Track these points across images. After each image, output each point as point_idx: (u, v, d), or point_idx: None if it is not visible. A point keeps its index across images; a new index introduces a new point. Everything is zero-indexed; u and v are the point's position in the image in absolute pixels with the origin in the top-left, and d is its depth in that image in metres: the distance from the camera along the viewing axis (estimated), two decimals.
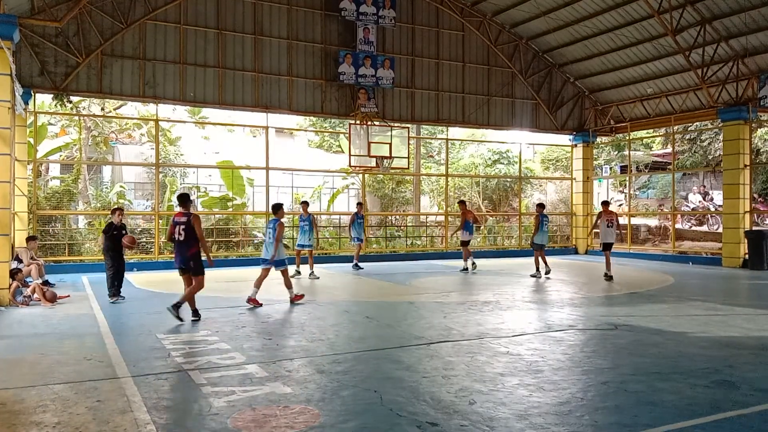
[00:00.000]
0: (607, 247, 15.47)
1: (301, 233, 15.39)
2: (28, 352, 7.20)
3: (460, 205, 17.87)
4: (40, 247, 15.58)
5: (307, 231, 15.20)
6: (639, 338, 8.03)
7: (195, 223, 8.99)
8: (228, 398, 5.29)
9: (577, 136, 24.08)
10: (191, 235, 8.99)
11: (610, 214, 15.65)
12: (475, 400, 5.27)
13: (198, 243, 9.06)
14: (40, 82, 15.91)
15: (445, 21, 21.34)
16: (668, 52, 19.37)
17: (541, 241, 15.71)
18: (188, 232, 8.97)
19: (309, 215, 15.31)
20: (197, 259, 9.12)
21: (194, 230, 8.98)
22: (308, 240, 15.24)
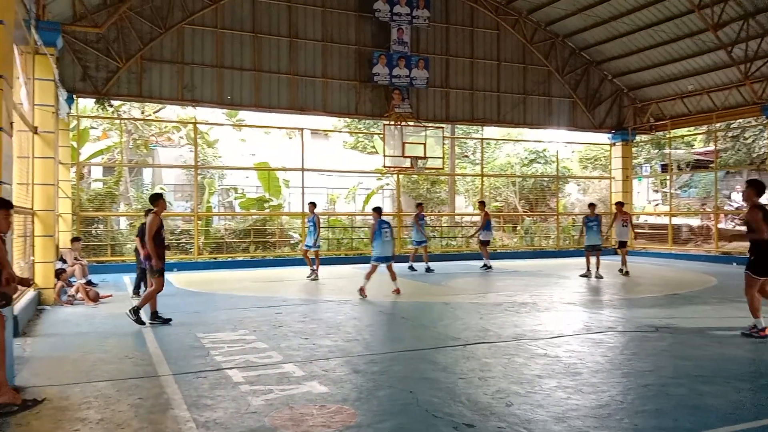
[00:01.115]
0: (623, 245, 16.30)
1: (308, 234, 15.25)
2: (72, 350, 7.39)
3: (481, 206, 17.82)
4: (83, 248, 15.97)
5: (312, 232, 15.02)
6: (681, 340, 7.85)
7: (148, 223, 8.80)
8: (266, 397, 5.34)
9: (616, 135, 23.67)
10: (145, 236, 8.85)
11: (625, 214, 16.39)
12: (512, 402, 5.21)
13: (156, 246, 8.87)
14: (83, 87, 16.33)
15: (480, 20, 21.21)
16: (709, 47, 18.90)
17: (587, 242, 15.43)
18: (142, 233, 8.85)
19: (314, 216, 15.08)
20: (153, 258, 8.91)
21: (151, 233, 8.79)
22: (310, 241, 15.06)
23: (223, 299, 11.92)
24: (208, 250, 20.58)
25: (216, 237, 21.48)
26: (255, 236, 21.07)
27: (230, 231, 21.70)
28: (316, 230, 14.99)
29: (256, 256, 20.00)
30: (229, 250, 20.39)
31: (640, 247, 24.45)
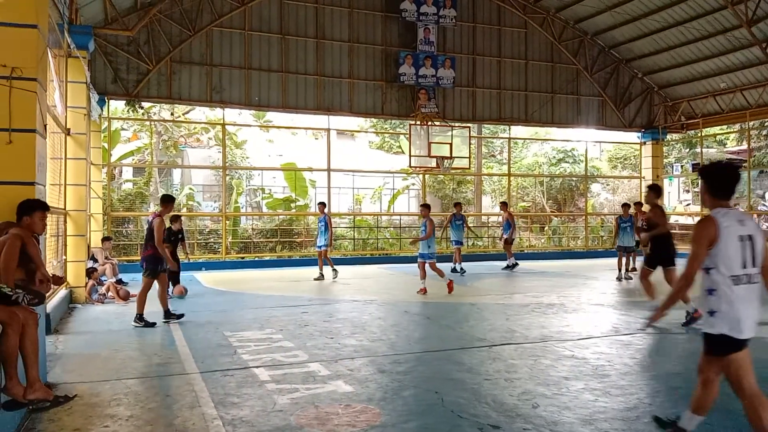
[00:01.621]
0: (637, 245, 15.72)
1: (319, 234, 15.10)
2: (102, 347, 7.52)
3: (503, 206, 17.66)
4: (113, 247, 16.24)
5: (324, 232, 14.89)
6: None
7: (155, 226, 8.83)
8: (291, 396, 5.38)
9: (646, 134, 23.30)
10: (150, 237, 8.88)
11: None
12: (538, 404, 5.17)
13: (154, 247, 8.87)
14: (114, 89, 16.62)
15: (507, 18, 21.06)
16: (743, 44, 18.49)
17: (619, 243, 15.12)
18: (149, 234, 8.89)
19: (325, 215, 14.97)
20: (149, 261, 8.92)
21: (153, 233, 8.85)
22: (322, 241, 14.93)
23: (249, 298, 12.03)
24: (236, 249, 20.79)
25: (243, 237, 21.68)
26: (281, 236, 21.22)
27: (257, 231, 21.89)
28: (327, 230, 14.89)
29: (282, 255, 20.14)
30: (256, 250, 20.56)
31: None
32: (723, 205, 3.85)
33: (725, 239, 3.70)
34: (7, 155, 5.22)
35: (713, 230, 3.73)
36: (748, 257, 3.73)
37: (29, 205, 5.02)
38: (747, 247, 3.73)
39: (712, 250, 3.73)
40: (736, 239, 3.72)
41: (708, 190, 3.91)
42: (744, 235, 3.74)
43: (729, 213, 3.79)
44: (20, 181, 5.29)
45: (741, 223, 3.78)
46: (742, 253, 3.72)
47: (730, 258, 3.71)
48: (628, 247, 15.00)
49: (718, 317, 3.76)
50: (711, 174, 3.92)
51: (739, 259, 3.72)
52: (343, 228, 23.29)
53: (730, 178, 3.87)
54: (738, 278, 3.72)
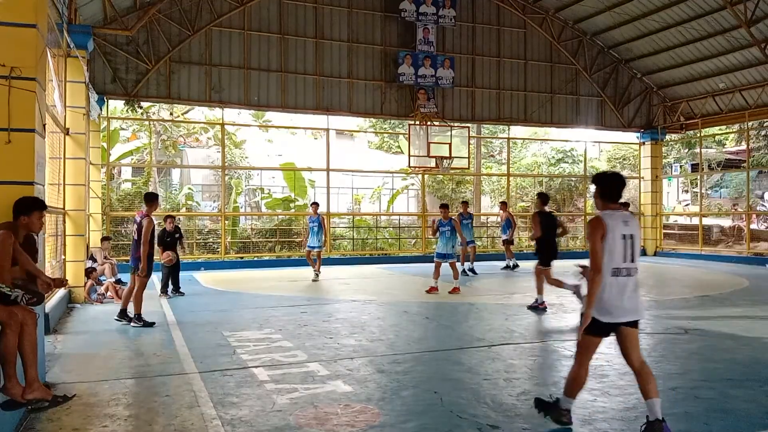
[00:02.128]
0: None
1: (311, 234, 14.93)
2: (101, 347, 7.52)
3: (503, 206, 17.63)
4: (113, 247, 16.24)
5: (316, 232, 14.80)
6: (711, 343, 7.71)
7: (144, 226, 8.76)
8: (290, 395, 5.38)
9: (645, 134, 23.32)
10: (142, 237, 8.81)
11: None
12: None
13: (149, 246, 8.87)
14: (113, 89, 16.61)
15: (507, 18, 21.07)
16: (742, 44, 18.51)
17: None
18: (139, 234, 8.81)
19: (318, 216, 14.89)
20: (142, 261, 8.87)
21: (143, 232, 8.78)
22: (316, 241, 14.85)
23: (248, 298, 12.03)
24: (235, 249, 20.79)
25: (242, 236, 21.68)
26: (281, 236, 21.22)
27: (256, 231, 21.89)
28: (321, 230, 14.84)
29: (281, 255, 20.13)
30: (255, 250, 20.56)
31: (669, 248, 24.07)
32: (611, 207, 4.45)
33: (611, 236, 4.27)
34: (6, 155, 5.22)
35: (603, 228, 4.29)
36: (629, 253, 4.32)
37: (27, 204, 4.99)
38: (628, 244, 4.32)
39: (605, 246, 4.27)
40: (619, 237, 4.29)
41: (599, 194, 4.50)
42: (626, 234, 4.32)
43: (615, 214, 4.38)
44: (19, 180, 5.28)
45: (625, 224, 4.36)
46: (624, 249, 4.30)
47: (613, 253, 4.27)
48: None
49: (596, 303, 4.32)
50: (602, 181, 4.52)
51: (621, 254, 4.28)
52: (342, 228, 23.30)
53: (618, 184, 4.48)
54: (618, 270, 4.30)
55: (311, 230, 14.98)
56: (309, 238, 15.03)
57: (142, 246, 8.74)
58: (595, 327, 4.39)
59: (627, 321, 4.38)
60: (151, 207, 9.06)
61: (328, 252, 19.27)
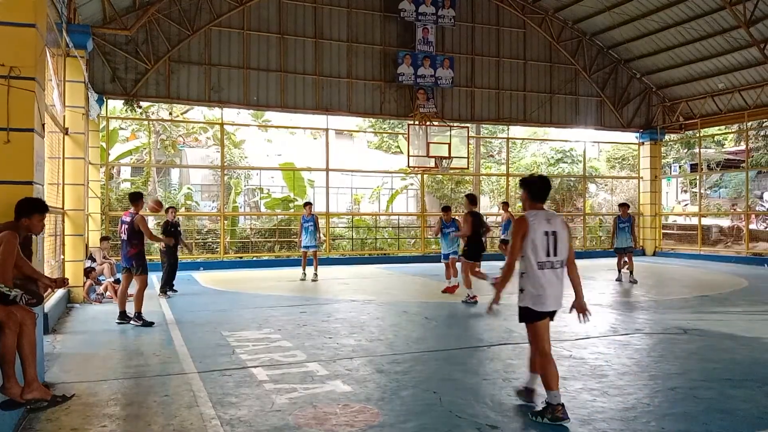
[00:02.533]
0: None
1: (306, 234, 14.91)
2: (100, 347, 7.51)
3: (504, 206, 17.61)
4: (112, 247, 16.22)
5: (312, 232, 14.82)
6: (710, 343, 7.71)
7: (139, 224, 8.89)
8: (290, 395, 5.38)
9: (645, 134, 23.33)
10: (133, 235, 8.89)
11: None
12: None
13: (140, 243, 8.97)
14: (112, 89, 16.60)
15: (506, 19, 21.07)
16: (741, 45, 18.52)
17: (617, 244, 14.65)
18: (130, 233, 8.90)
19: (313, 216, 14.91)
20: (138, 258, 8.96)
21: (136, 231, 8.89)
22: (313, 241, 14.89)
23: (248, 298, 12.02)
24: (234, 249, 20.78)
25: (242, 236, 21.67)
26: (280, 236, 21.22)
27: (256, 230, 21.88)
28: (316, 230, 14.86)
29: (280, 255, 20.13)
30: (255, 250, 20.56)
31: (668, 248, 24.08)
32: (536, 207, 4.92)
33: (533, 233, 4.73)
34: (5, 154, 5.21)
35: (525, 226, 4.75)
36: (551, 248, 4.75)
37: (29, 207, 4.99)
38: (551, 240, 4.75)
39: (525, 241, 4.74)
40: (542, 234, 4.74)
41: (527, 196, 4.97)
42: (549, 231, 4.76)
43: (539, 214, 4.85)
44: (18, 180, 5.28)
45: (548, 222, 4.81)
46: (546, 245, 4.74)
47: (537, 248, 4.73)
48: (626, 248, 14.46)
49: (525, 294, 4.84)
50: (530, 184, 4.96)
51: (544, 249, 4.74)
52: (341, 228, 23.29)
53: (543, 187, 4.95)
54: (542, 263, 4.76)
55: (306, 230, 14.90)
56: (304, 238, 14.97)
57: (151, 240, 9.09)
58: (534, 316, 4.86)
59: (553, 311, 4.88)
60: (137, 206, 9.11)
61: (327, 252, 19.28)
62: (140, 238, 9.02)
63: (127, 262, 9.03)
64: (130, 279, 9.10)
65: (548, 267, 4.77)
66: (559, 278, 4.83)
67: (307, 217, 14.92)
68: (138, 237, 8.97)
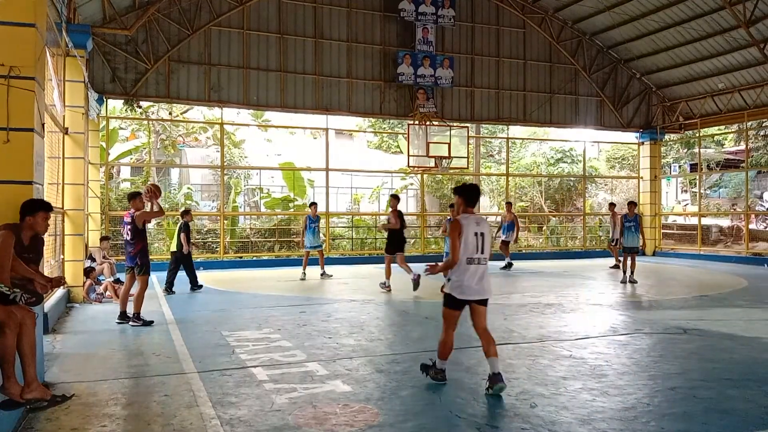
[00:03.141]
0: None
1: (311, 234, 15.10)
2: (100, 347, 7.51)
3: (508, 206, 17.70)
4: (111, 247, 16.22)
5: (317, 232, 15.08)
6: (709, 343, 7.72)
7: (140, 218, 8.93)
8: (289, 395, 5.38)
9: (644, 134, 23.33)
10: (136, 235, 8.93)
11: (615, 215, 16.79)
12: (536, 404, 5.17)
13: (143, 242, 8.98)
14: (112, 88, 16.60)
15: (506, 18, 21.07)
16: (741, 45, 18.52)
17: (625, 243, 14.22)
18: (133, 232, 8.93)
19: (318, 216, 15.24)
20: (141, 256, 8.96)
21: (139, 229, 8.93)
22: (318, 241, 15.19)
23: (247, 298, 12.02)
24: (234, 249, 20.77)
25: (241, 236, 21.67)
26: (280, 236, 21.21)
27: (255, 230, 21.87)
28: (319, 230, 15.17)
29: (280, 255, 20.13)
30: (255, 250, 20.55)
31: (668, 248, 24.08)
32: (468, 211, 5.69)
33: (466, 233, 5.49)
34: (5, 154, 5.21)
35: (460, 228, 5.51)
36: (480, 247, 5.54)
37: (32, 205, 5.02)
38: (479, 240, 5.54)
39: (462, 241, 5.48)
40: (472, 234, 5.52)
41: (462, 201, 5.70)
42: (478, 232, 5.55)
43: (470, 217, 5.62)
44: (18, 180, 5.28)
45: (477, 224, 5.60)
46: (476, 244, 5.52)
47: (468, 246, 5.49)
48: (634, 248, 14.12)
49: (451, 283, 5.59)
50: (464, 191, 5.74)
51: (474, 247, 5.51)
52: (341, 228, 23.28)
53: (474, 194, 5.76)
54: (472, 260, 5.51)
55: (311, 230, 15.08)
56: (309, 238, 15.09)
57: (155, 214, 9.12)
58: (453, 302, 5.64)
59: (476, 299, 5.61)
60: (136, 204, 9.07)
61: (327, 252, 19.26)
62: (143, 237, 9.01)
63: (131, 261, 9.03)
64: (133, 279, 9.08)
65: (475, 263, 5.52)
66: (482, 273, 5.59)
67: (314, 218, 15.13)
68: (140, 236, 8.96)
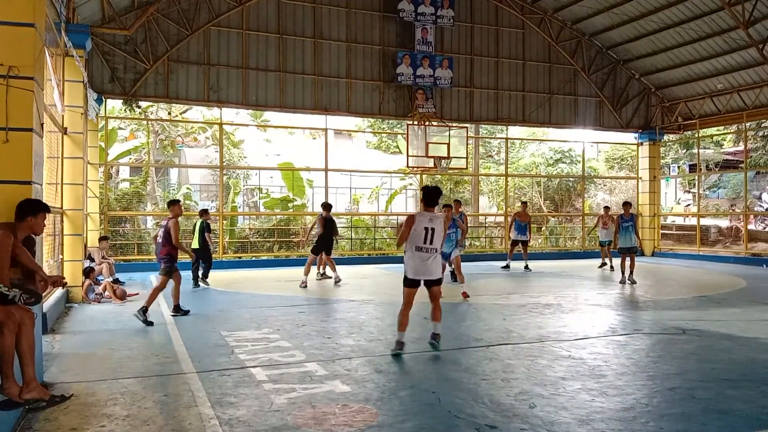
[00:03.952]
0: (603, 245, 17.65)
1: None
2: (99, 347, 7.51)
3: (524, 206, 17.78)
4: (110, 247, 16.22)
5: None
6: (708, 343, 7.72)
7: (171, 228, 9.54)
8: (288, 395, 5.38)
9: (643, 134, 23.34)
10: (168, 240, 9.51)
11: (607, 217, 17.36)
12: (535, 404, 5.18)
13: (171, 246, 9.53)
14: (111, 88, 16.59)
15: (505, 19, 21.08)
16: (740, 45, 18.54)
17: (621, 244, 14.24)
18: (165, 236, 9.54)
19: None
20: (167, 260, 9.52)
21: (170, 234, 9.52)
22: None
23: (247, 298, 12.02)
24: (233, 249, 20.76)
25: (241, 236, 21.66)
26: (279, 236, 21.21)
27: (255, 230, 21.87)
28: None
29: (279, 255, 20.13)
30: (254, 250, 20.55)
31: (667, 248, 24.10)
32: (428, 210, 7.05)
33: (417, 227, 6.88)
34: (4, 154, 5.21)
35: (412, 221, 6.93)
36: (429, 239, 6.88)
37: (34, 206, 5.01)
38: (429, 233, 6.88)
39: (412, 232, 6.89)
40: (422, 228, 6.87)
41: (422, 201, 7.11)
42: (428, 227, 6.89)
43: (425, 213, 6.99)
44: (17, 180, 5.27)
45: (429, 221, 6.92)
46: (425, 236, 6.88)
47: (418, 237, 6.88)
48: (631, 248, 14.11)
49: (406, 266, 7.09)
50: (423, 194, 7.12)
51: (422, 239, 6.88)
52: (340, 228, 23.24)
53: (432, 196, 7.07)
54: (420, 248, 6.92)
55: None
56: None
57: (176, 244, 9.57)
58: (407, 281, 7.08)
59: (426, 279, 7.02)
60: (173, 210, 9.96)
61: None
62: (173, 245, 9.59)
63: (159, 262, 9.73)
64: (167, 279, 9.60)
65: (423, 251, 6.91)
66: (428, 260, 6.95)
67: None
68: (171, 242, 9.53)
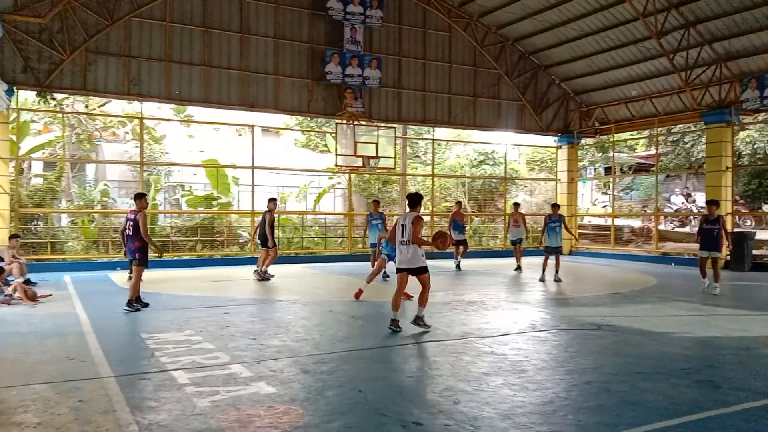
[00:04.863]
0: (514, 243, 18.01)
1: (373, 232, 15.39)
2: (9, 351, 7.11)
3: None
4: (22, 246, 15.38)
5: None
6: (622, 338, 8.09)
7: (141, 221, 9.99)
8: (212, 398, 5.26)
9: (562, 138, 24.20)
10: (137, 231, 10.02)
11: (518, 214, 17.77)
12: (459, 400, 5.28)
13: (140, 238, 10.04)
14: (24, 79, 15.72)
15: (432, 22, 21.37)
16: (653, 54, 19.53)
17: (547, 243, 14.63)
18: (135, 228, 10.04)
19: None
20: (141, 251, 10.14)
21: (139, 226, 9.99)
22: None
23: (168, 299, 11.66)
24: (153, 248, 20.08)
25: (161, 235, 20.99)
26: (202, 234, 20.71)
27: (176, 229, 21.26)
28: None
29: (203, 255, 19.66)
30: (175, 249, 19.97)
31: (583, 247, 25.08)
32: (412, 210, 8.30)
33: (397, 225, 8.31)
34: None
35: (394, 222, 8.52)
36: (402, 233, 8.16)
37: None
38: (402, 229, 8.19)
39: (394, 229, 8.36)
40: (400, 225, 8.26)
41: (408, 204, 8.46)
42: (403, 224, 8.19)
43: (404, 214, 8.34)
44: None
45: (404, 219, 8.22)
46: (401, 232, 8.19)
47: (397, 233, 8.23)
48: (557, 248, 14.52)
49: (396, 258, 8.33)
50: (407, 196, 8.61)
51: (400, 234, 8.20)
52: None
53: (413, 200, 8.43)
54: (400, 242, 8.20)
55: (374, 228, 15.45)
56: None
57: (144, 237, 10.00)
58: (397, 269, 8.32)
59: (404, 268, 8.23)
60: (141, 204, 10.21)
61: (252, 251, 18.96)
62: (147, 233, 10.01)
63: (131, 255, 10.20)
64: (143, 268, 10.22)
65: (402, 244, 8.16)
66: (406, 251, 8.14)
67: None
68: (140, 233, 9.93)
